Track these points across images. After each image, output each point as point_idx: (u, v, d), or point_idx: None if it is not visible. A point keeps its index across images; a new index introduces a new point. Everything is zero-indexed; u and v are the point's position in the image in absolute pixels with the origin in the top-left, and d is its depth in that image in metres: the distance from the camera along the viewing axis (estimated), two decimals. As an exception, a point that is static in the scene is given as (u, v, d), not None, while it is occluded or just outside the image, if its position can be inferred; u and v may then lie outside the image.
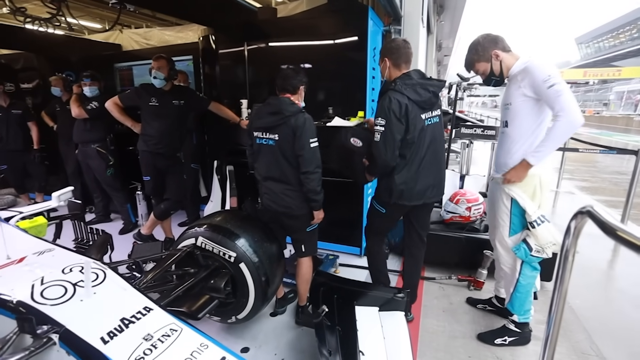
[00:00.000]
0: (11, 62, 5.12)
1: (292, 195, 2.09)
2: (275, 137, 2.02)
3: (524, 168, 1.93)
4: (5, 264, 1.51)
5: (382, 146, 1.98)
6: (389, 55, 2.07)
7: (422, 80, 2.03)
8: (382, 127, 1.97)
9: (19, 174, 4.56)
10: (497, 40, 1.99)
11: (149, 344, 1.24)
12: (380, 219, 2.31)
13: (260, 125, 2.07)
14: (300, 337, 2.26)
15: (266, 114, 2.05)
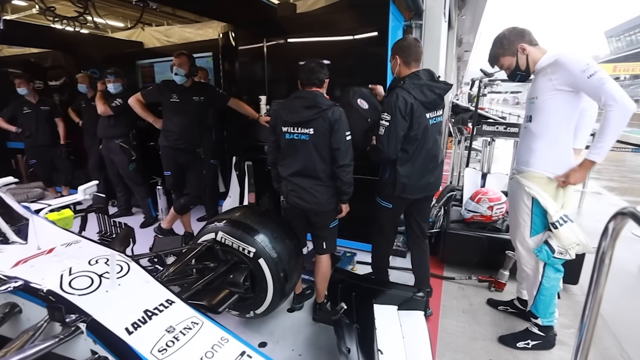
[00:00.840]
0: (40, 61, 5.31)
1: (322, 190, 2.10)
2: (310, 132, 2.01)
3: (586, 168, 1.81)
4: (36, 254, 1.57)
5: (385, 140, 2.05)
6: (400, 53, 2.11)
7: (429, 82, 2.08)
8: (387, 122, 2.03)
9: (47, 168, 4.73)
10: (524, 34, 1.92)
11: (171, 336, 1.26)
12: (388, 214, 2.36)
13: (295, 120, 2.03)
14: (317, 334, 2.26)
15: (301, 108, 2.02)
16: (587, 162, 1.78)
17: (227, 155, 3.88)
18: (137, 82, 4.78)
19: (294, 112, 2.04)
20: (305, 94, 2.06)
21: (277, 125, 2.13)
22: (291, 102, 2.09)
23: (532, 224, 1.99)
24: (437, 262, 3.13)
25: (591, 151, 1.76)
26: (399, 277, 2.90)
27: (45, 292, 1.34)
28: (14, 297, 1.36)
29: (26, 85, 4.30)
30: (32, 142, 4.52)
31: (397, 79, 2.14)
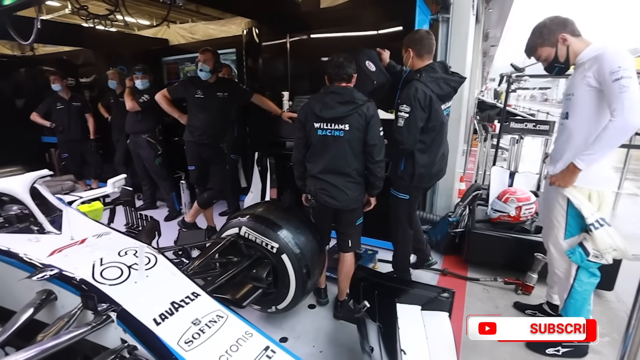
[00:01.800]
0: (72, 59, 5.52)
1: (352, 187, 2.07)
2: (346, 128, 1.97)
3: (571, 172, 1.78)
4: (69, 244, 1.63)
5: (405, 131, 2.08)
6: (413, 45, 2.15)
7: (445, 75, 2.14)
8: (406, 114, 2.06)
9: (78, 162, 4.93)
10: (566, 23, 1.81)
11: (197, 329, 1.28)
12: (406, 206, 2.41)
13: (330, 116, 1.98)
14: (338, 331, 2.25)
15: (337, 103, 1.97)
16: (571, 166, 1.76)
17: (249, 150, 3.92)
18: (162, 78, 4.89)
19: (329, 108, 1.98)
20: (339, 90, 2.00)
21: (307, 122, 2.07)
22: (324, 97, 2.02)
23: (567, 226, 1.90)
24: (461, 262, 3.06)
25: (579, 156, 1.72)
26: (420, 276, 2.85)
27: (79, 280, 1.38)
28: (50, 284, 1.42)
29: (60, 82, 4.48)
30: (65, 137, 4.72)
31: (414, 72, 2.15)
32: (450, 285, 2.43)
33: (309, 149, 2.13)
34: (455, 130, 3.51)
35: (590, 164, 1.70)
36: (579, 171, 1.74)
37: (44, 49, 6.53)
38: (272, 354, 1.27)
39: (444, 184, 3.67)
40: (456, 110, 3.43)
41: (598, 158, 1.69)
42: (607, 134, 1.62)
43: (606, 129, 1.62)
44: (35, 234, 1.78)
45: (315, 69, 3.30)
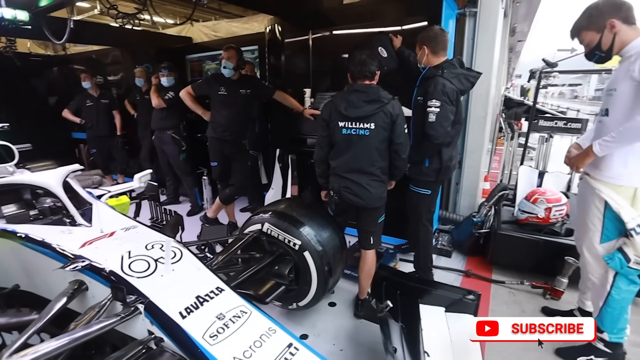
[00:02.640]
0: (101, 57, 5.71)
1: (376, 186, 2.07)
2: (371, 127, 1.96)
3: (585, 154, 1.74)
4: (99, 236, 1.67)
5: (438, 125, 2.07)
6: (428, 43, 2.17)
7: (464, 71, 2.18)
8: (437, 109, 2.05)
9: (105, 157, 5.10)
10: (621, 8, 1.65)
11: (221, 323, 1.29)
12: (428, 202, 2.43)
13: (356, 115, 1.97)
14: (358, 330, 2.23)
15: (362, 102, 1.96)
16: (589, 149, 1.72)
17: (270, 147, 3.94)
18: (186, 75, 4.97)
19: (355, 107, 1.97)
20: (365, 88, 1.99)
21: (332, 121, 2.06)
22: (349, 96, 2.01)
23: (604, 230, 1.79)
24: (485, 263, 2.98)
25: (599, 141, 1.66)
26: (443, 277, 2.79)
27: (108, 272, 1.42)
28: (82, 275, 1.46)
29: (90, 80, 4.65)
30: (93, 133, 4.89)
31: (434, 68, 2.16)
32: (474, 287, 2.35)
33: (332, 148, 2.13)
34: (481, 128, 3.41)
35: (606, 151, 1.66)
36: (594, 156, 1.69)
37: (74, 48, 6.79)
38: (295, 351, 1.27)
39: (468, 183, 3.58)
40: (482, 108, 3.33)
41: (615, 148, 1.63)
42: (632, 127, 1.54)
43: (631, 122, 1.54)
44: (68, 226, 1.84)
45: (337, 66, 3.29)
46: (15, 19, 2.49)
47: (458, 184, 3.63)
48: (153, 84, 3.99)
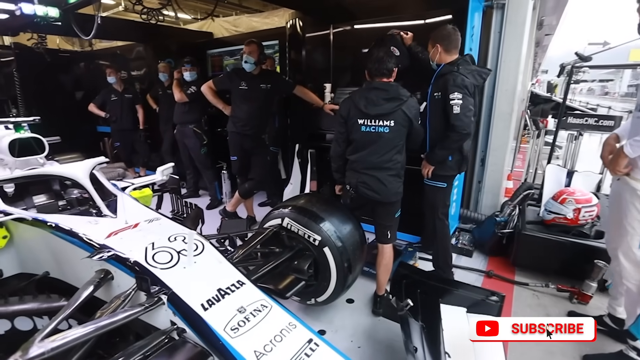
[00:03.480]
0: (125, 53, 5.83)
1: (392, 181, 2.10)
2: (391, 124, 2.01)
3: (617, 156, 1.67)
4: (124, 227, 1.71)
5: (462, 116, 2.10)
6: (441, 41, 2.23)
7: (477, 68, 2.27)
8: (459, 100, 2.08)
9: (128, 151, 5.23)
10: None
11: (242, 317, 1.30)
12: (443, 194, 2.44)
13: (376, 112, 2.00)
14: (376, 327, 2.21)
15: (382, 100, 2.00)
16: (620, 151, 1.67)
17: (289, 142, 3.94)
18: (206, 70, 5.03)
19: (375, 105, 2.00)
20: (384, 86, 2.02)
21: (350, 118, 2.09)
22: (368, 93, 2.03)
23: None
24: (508, 264, 2.90)
25: (629, 141, 1.60)
26: (464, 277, 2.73)
27: (132, 262, 1.45)
28: (108, 265, 1.49)
29: (115, 75, 4.76)
30: (117, 127, 5.01)
31: (449, 65, 2.21)
32: (496, 288, 2.28)
33: (349, 144, 2.16)
34: (506, 125, 3.30)
35: (638, 152, 1.60)
36: (626, 157, 1.63)
37: (100, 44, 6.98)
38: (315, 346, 1.26)
39: (491, 182, 3.48)
40: (507, 104, 3.22)
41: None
42: None
43: None
44: (94, 217, 1.89)
45: (358, 61, 3.23)
46: (46, 16, 2.56)
47: (480, 182, 3.54)
48: (175, 79, 4.05)
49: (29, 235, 1.83)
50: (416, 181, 2.67)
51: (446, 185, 2.40)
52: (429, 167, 2.34)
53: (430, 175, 2.36)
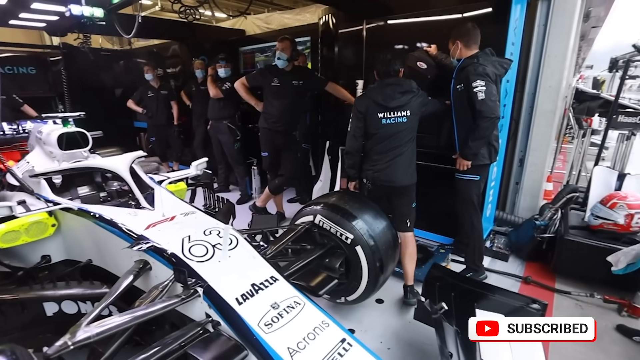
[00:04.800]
0: (161, 51, 6.04)
1: (406, 166, 2.31)
2: (407, 114, 2.22)
3: None
4: (161, 220, 1.76)
5: (488, 100, 2.14)
6: (461, 38, 2.30)
7: (498, 58, 2.30)
8: (482, 87, 2.14)
9: (163, 145, 5.41)
10: None
11: (276, 312, 1.30)
12: (476, 187, 2.45)
13: (395, 105, 2.21)
14: (407, 329, 2.16)
15: (397, 94, 2.21)
16: None
17: (320, 139, 3.93)
18: (239, 67, 5.10)
19: (392, 98, 2.21)
20: (397, 81, 2.25)
21: (369, 113, 2.25)
22: (384, 89, 2.24)
23: None
24: (547, 271, 2.75)
25: None
26: (498, 282, 2.61)
27: (169, 254, 1.48)
28: (146, 255, 1.54)
29: (152, 72, 4.93)
30: (153, 122, 5.20)
31: (470, 58, 2.27)
32: (534, 296, 2.17)
33: (366, 139, 2.33)
34: (548, 124, 3.12)
35: None
36: None
37: (137, 43, 7.27)
38: (349, 346, 1.24)
39: (530, 183, 3.31)
40: (551, 101, 3.05)
41: None
42: None
43: None
44: (133, 209, 1.95)
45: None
46: (92, 16, 2.70)
47: (518, 184, 3.37)
48: (209, 75, 4.12)
49: (74, 224, 1.92)
50: (447, 181, 2.61)
51: (479, 177, 2.42)
52: (465, 162, 2.36)
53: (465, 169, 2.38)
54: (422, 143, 3.07)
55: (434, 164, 3.04)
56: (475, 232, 2.52)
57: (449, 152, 2.63)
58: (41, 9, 3.09)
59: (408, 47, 3.08)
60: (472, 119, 2.25)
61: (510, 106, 3.01)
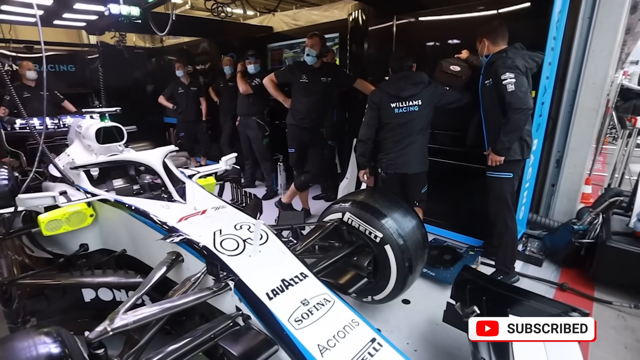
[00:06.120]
0: (191, 48, 6.18)
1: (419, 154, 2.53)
2: (419, 103, 2.45)
3: None
4: (193, 213, 1.79)
5: (518, 92, 2.10)
6: (487, 36, 2.30)
7: (529, 52, 2.26)
8: (512, 79, 2.11)
9: (192, 141, 5.54)
10: None
11: (306, 309, 1.29)
12: (510, 185, 2.39)
13: (407, 94, 2.44)
14: (434, 332, 2.11)
15: (409, 85, 2.44)
16: None
17: (347, 137, 3.90)
18: (266, 64, 5.14)
19: (403, 90, 2.45)
20: (408, 74, 2.48)
21: (383, 103, 2.49)
22: (396, 82, 2.49)
23: None
24: (585, 278, 2.60)
25: None
26: (531, 287, 2.50)
27: (201, 247, 1.51)
28: (179, 247, 1.57)
29: (183, 69, 5.06)
30: (183, 118, 5.33)
31: (497, 53, 2.26)
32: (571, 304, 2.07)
33: (378, 128, 2.56)
34: (590, 123, 2.95)
35: None
36: None
37: (168, 41, 7.47)
38: (379, 347, 1.22)
39: (567, 185, 3.15)
40: (594, 99, 2.88)
41: None
42: None
43: None
44: (166, 202, 2.00)
45: (421, 53, 3.09)
46: (129, 15, 2.79)
47: (554, 186, 3.21)
48: (238, 71, 4.17)
49: (110, 215, 1.99)
50: (475, 181, 2.53)
51: (512, 175, 2.36)
52: (497, 158, 2.30)
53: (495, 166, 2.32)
54: (448, 141, 3.03)
55: (461, 163, 2.96)
56: (509, 233, 2.44)
57: (478, 151, 2.56)
58: (82, 9, 3.22)
59: (439, 44, 3.01)
60: (502, 113, 2.21)
61: (548, 104, 2.87)
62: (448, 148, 3.03)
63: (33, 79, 4.36)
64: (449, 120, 2.93)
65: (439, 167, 2.95)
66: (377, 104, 2.51)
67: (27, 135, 3.93)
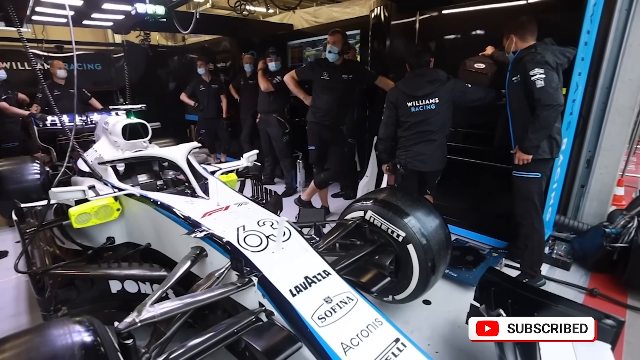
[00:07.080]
0: (212, 46, 6.26)
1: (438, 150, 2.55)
2: (436, 101, 2.44)
3: None
4: (216, 209, 1.81)
5: (548, 87, 2.03)
6: (515, 32, 2.23)
7: (559, 47, 2.17)
8: (542, 75, 2.04)
9: (212, 138, 5.63)
10: None
11: (329, 307, 1.29)
12: (537, 186, 2.30)
13: (423, 93, 2.44)
14: (455, 333, 2.06)
15: (425, 83, 2.45)
16: None
17: (367, 134, 3.86)
18: (286, 61, 5.14)
19: (419, 88, 2.45)
20: (423, 72, 2.48)
21: (400, 102, 2.51)
22: (412, 80, 2.51)
23: None
24: (617, 284, 2.49)
25: None
26: (559, 292, 2.41)
27: (225, 242, 1.52)
28: (203, 242, 1.59)
29: (204, 66, 5.14)
30: (204, 115, 5.42)
31: (526, 49, 2.18)
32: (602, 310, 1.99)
33: (400, 127, 2.58)
34: (625, 122, 2.81)
35: None
36: None
37: (190, 39, 7.60)
38: (403, 347, 1.20)
39: (598, 187, 3.01)
40: (630, 97, 2.74)
41: None
42: None
43: None
44: (189, 197, 2.03)
45: (444, 49, 3.03)
46: (155, 14, 2.84)
47: (584, 187, 3.08)
48: (259, 69, 4.20)
49: (136, 209, 2.04)
50: (499, 181, 2.46)
51: (540, 175, 2.27)
52: (525, 156, 2.22)
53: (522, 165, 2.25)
54: (473, 140, 2.96)
55: (486, 162, 2.89)
56: (536, 235, 2.35)
57: (503, 150, 2.48)
58: (110, 8, 3.31)
59: (464, 39, 2.93)
60: (530, 111, 2.14)
61: (579, 101, 2.75)
62: (471, 146, 2.95)
63: (63, 78, 4.52)
64: (473, 118, 2.86)
65: (461, 166, 2.88)
66: (394, 103, 2.53)
67: (57, 132, 4.09)
